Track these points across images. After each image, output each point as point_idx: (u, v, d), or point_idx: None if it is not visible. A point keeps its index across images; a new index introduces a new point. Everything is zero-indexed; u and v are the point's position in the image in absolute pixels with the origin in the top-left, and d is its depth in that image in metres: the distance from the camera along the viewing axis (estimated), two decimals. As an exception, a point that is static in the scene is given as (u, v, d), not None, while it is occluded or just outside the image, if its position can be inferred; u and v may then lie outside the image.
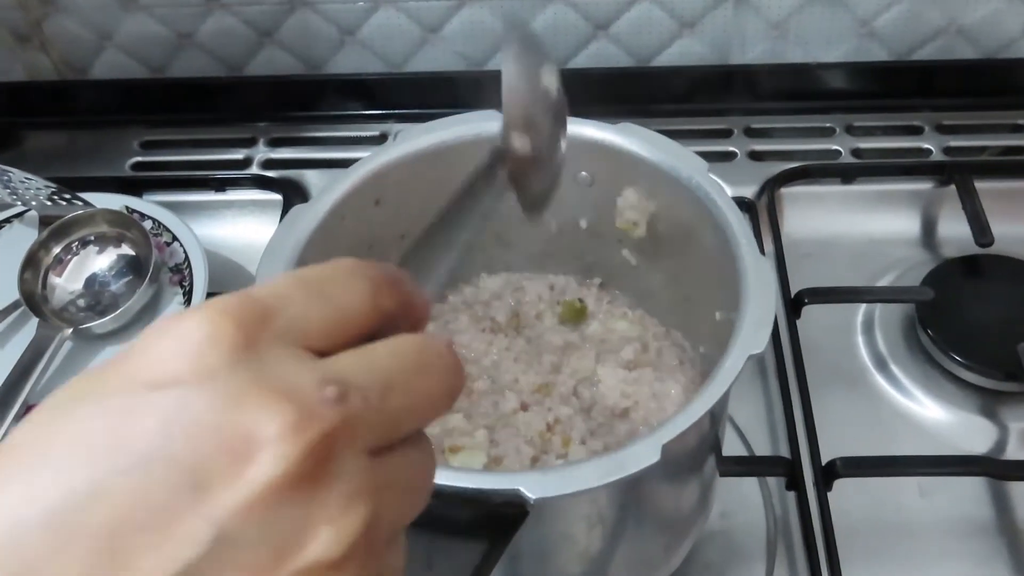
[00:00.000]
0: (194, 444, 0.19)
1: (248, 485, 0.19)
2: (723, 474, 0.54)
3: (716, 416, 0.47)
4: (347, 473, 0.20)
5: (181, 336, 0.20)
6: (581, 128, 0.52)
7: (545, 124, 0.35)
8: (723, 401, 0.42)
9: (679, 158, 0.51)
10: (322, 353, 0.22)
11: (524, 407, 0.53)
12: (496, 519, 0.38)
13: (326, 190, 0.51)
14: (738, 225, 0.47)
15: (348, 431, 0.20)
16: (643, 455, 0.38)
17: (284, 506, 0.19)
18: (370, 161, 0.52)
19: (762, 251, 0.47)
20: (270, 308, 0.21)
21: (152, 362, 0.20)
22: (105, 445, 0.19)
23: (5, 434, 0.58)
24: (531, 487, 0.38)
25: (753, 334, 0.43)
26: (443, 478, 0.37)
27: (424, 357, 0.23)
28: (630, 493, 0.45)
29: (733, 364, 0.42)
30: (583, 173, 0.54)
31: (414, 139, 0.53)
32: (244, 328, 0.20)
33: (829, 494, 0.57)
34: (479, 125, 0.53)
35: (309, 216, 0.49)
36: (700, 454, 0.48)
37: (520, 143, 0.34)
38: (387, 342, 0.23)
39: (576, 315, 0.59)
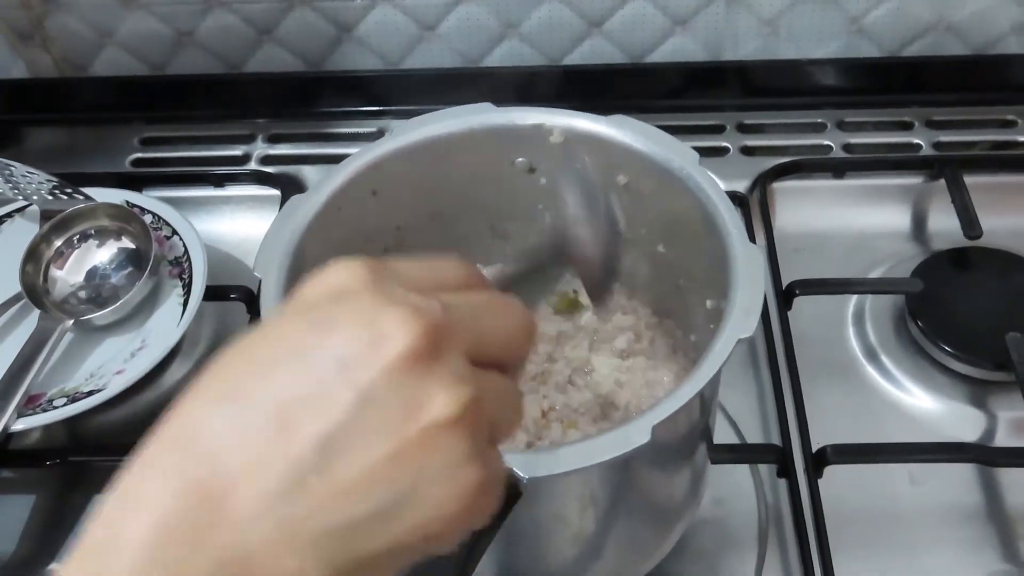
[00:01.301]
0: (339, 338, 0.25)
1: (382, 359, 0.25)
2: (715, 461, 0.54)
3: (706, 400, 0.47)
4: (453, 360, 0.26)
5: (326, 275, 0.27)
6: (574, 120, 0.53)
7: (602, 227, 0.42)
8: (713, 384, 0.42)
9: (670, 149, 0.51)
10: None
11: (519, 395, 0.54)
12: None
13: (324, 181, 0.51)
14: (728, 214, 0.48)
15: (450, 331, 0.26)
16: (634, 436, 0.39)
17: (410, 375, 0.25)
18: (366, 153, 0.53)
19: (752, 241, 0.48)
20: (388, 264, 0.28)
21: (307, 294, 0.27)
22: (274, 352, 0.26)
23: (6, 424, 0.59)
24: (524, 467, 0.38)
25: (743, 319, 0.43)
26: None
27: (500, 301, 0.31)
28: (622, 475, 0.45)
29: (723, 348, 0.42)
30: (576, 165, 0.54)
31: (409, 132, 0.54)
32: (370, 269, 0.27)
33: (820, 481, 0.58)
34: (471, 118, 0.54)
35: (307, 206, 0.50)
36: (691, 440, 0.49)
37: (583, 232, 0.41)
38: (471, 292, 0.30)
39: (570, 305, 0.59)
